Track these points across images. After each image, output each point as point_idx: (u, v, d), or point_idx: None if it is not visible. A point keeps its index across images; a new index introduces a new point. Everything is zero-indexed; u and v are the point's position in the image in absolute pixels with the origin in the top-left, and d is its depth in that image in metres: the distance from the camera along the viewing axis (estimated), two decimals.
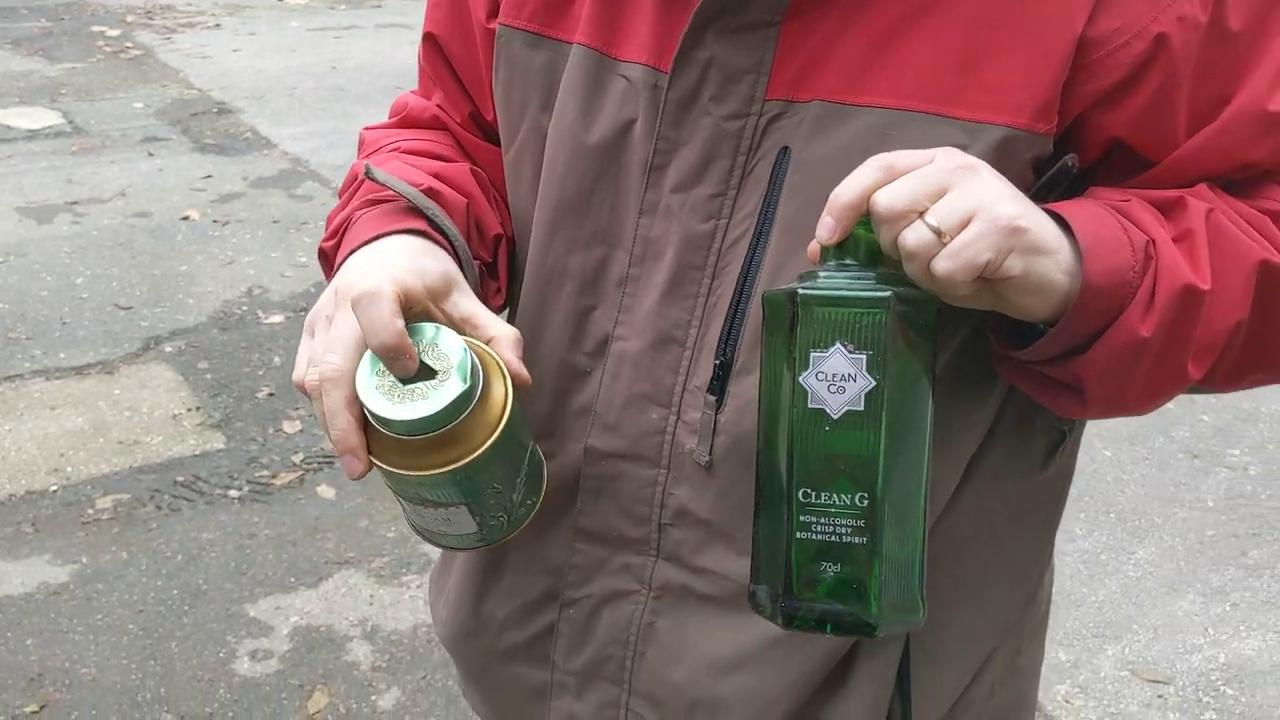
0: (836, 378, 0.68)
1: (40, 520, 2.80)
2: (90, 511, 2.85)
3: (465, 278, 0.83)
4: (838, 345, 0.68)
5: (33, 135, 5.40)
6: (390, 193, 0.87)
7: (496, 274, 0.94)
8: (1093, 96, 0.76)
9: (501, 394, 0.76)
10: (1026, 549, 0.96)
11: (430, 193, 0.88)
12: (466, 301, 0.81)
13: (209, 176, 4.98)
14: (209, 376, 3.47)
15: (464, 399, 0.73)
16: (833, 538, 0.69)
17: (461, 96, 0.98)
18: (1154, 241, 0.74)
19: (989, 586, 0.93)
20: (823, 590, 0.70)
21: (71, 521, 2.81)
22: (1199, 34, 0.75)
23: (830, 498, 0.69)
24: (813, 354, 0.69)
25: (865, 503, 0.68)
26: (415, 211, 0.86)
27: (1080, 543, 2.88)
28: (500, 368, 0.77)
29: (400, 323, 0.73)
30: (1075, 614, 2.64)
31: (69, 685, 2.32)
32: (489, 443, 0.74)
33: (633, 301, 0.86)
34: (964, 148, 0.74)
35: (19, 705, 2.26)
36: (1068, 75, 0.75)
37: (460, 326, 0.79)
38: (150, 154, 5.24)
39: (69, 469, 3.00)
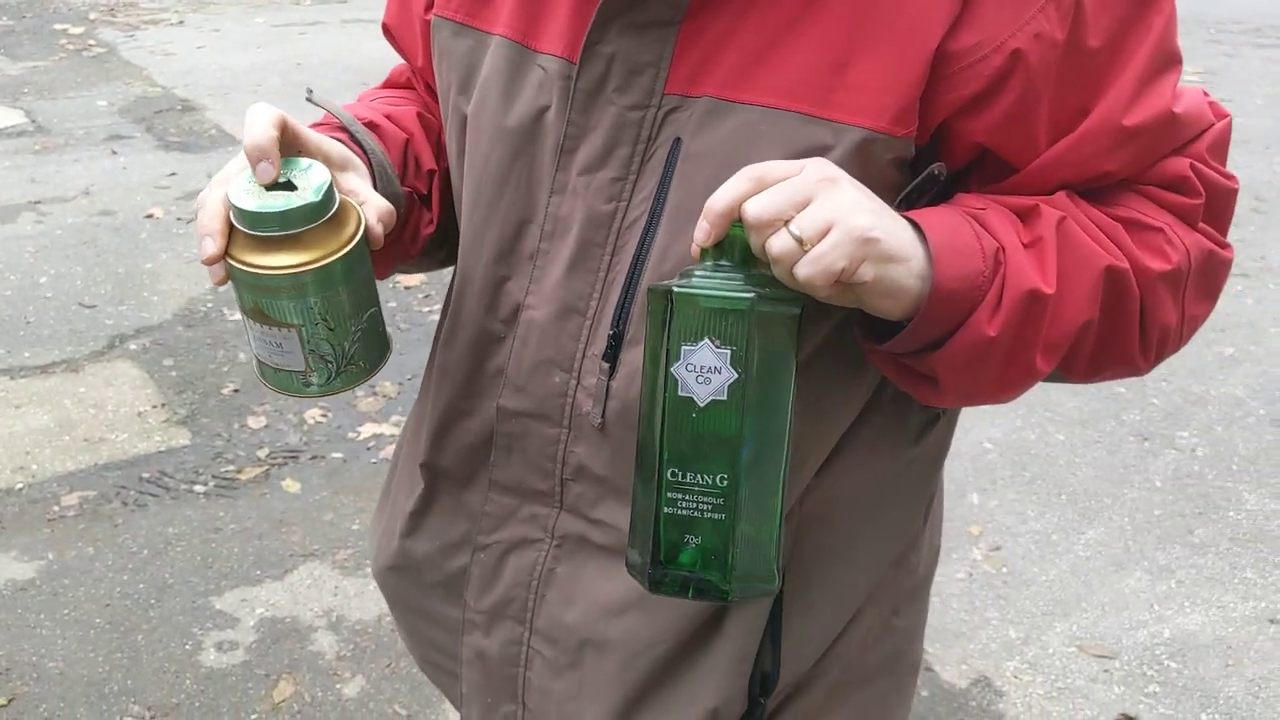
0: (704, 369, 0.76)
1: (6, 518, 2.83)
2: (56, 508, 2.87)
3: (375, 187, 0.93)
4: (706, 340, 0.75)
5: None
6: (326, 115, 0.98)
7: (430, 205, 1.04)
8: (954, 105, 0.82)
9: (352, 230, 0.85)
10: (898, 516, 1.03)
11: (370, 125, 0.99)
12: (357, 180, 0.90)
13: (173, 174, 4.99)
14: (174, 373, 3.49)
15: (312, 209, 0.82)
16: (695, 513, 0.77)
17: (416, 76, 1.11)
18: (1004, 248, 0.81)
19: (859, 548, 0.99)
20: (685, 560, 0.77)
21: (38, 519, 2.83)
22: (1057, 50, 0.81)
23: (695, 477, 0.77)
24: (684, 347, 0.76)
25: (725, 483, 0.76)
26: (347, 134, 0.97)
27: (1032, 524, 2.95)
28: (360, 217, 0.86)
29: (274, 132, 0.83)
30: (1026, 593, 2.71)
31: (37, 679, 2.35)
32: (329, 258, 0.83)
33: (542, 274, 0.93)
34: (829, 147, 0.82)
35: None
36: (929, 84, 0.81)
37: (342, 191, 0.89)
38: (114, 152, 5.24)
39: (34, 467, 3.03)
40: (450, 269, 1.07)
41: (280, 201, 0.82)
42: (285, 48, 7.03)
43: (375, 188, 0.93)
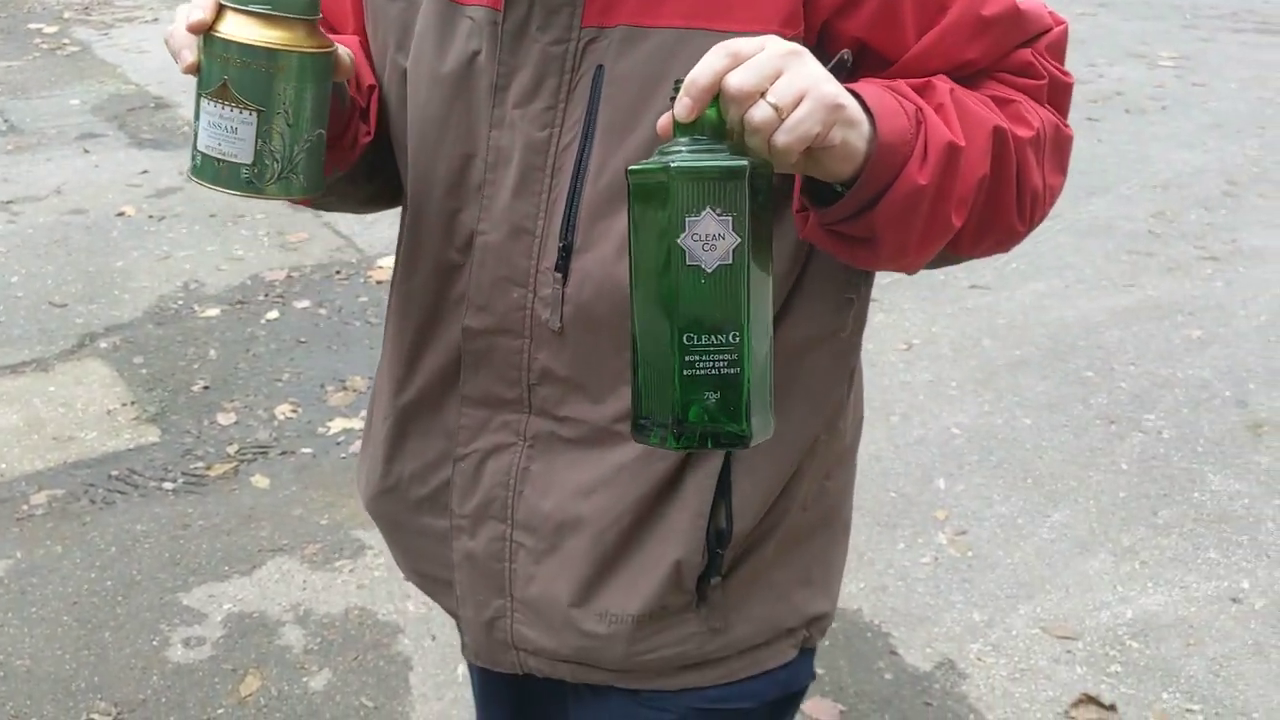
0: (709, 237, 0.80)
1: None
2: (25, 507, 2.88)
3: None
4: (708, 210, 0.80)
5: None
6: None
7: (368, 118, 1.11)
8: (830, 7, 0.95)
9: (328, 43, 0.93)
10: (825, 383, 1.11)
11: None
12: None
13: (145, 172, 4.98)
14: (144, 371, 3.49)
15: (304, 2, 0.90)
16: (713, 371, 0.82)
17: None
18: (921, 109, 0.91)
19: (793, 412, 1.07)
20: (707, 415, 0.83)
21: (5, 518, 2.83)
22: None
23: (709, 339, 0.82)
24: (687, 219, 0.80)
25: (736, 339, 0.82)
26: None
27: (997, 508, 2.97)
28: (332, 41, 0.95)
29: None
30: (990, 576, 2.73)
31: (3, 677, 2.36)
32: (311, 49, 0.91)
33: (490, 201, 1.02)
34: (700, 55, 0.89)
35: None
36: None
37: None
38: (86, 150, 5.23)
39: (2, 466, 3.03)
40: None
41: None
42: None
43: None
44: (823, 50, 0.94)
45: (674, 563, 1.06)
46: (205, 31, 0.90)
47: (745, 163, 0.80)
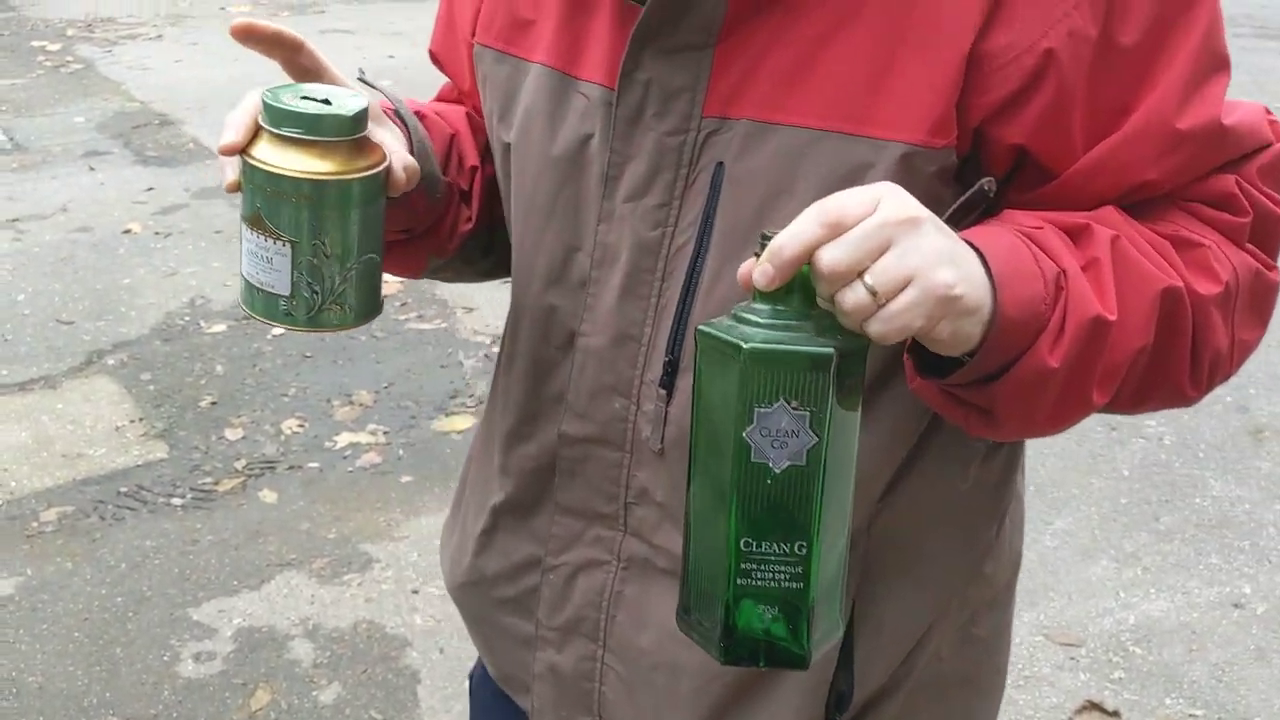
0: (780, 434, 0.69)
1: None
2: (35, 524, 2.90)
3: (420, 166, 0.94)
4: (781, 402, 0.69)
5: None
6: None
7: (470, 202, 1.05)
8: (988, 108, 0.81)
9: (375, 161, 0.85)
10: (967, 533, 1.01)
11: (417, 115, 1.01)
12: (388, 135, 0.91)
13: (151, 189, 5.01)
14: (151, 387, 3.52)
15: (343, 121, 0.83)
16: (771, 583, 0.72)
17: (465, 99, 1.12)
18: (1065, 272, 0.77)
19: (927, 567, 0.98)
20: (759, 631, 0.73)
21: (16, 535, 2.86)
22: (1090, 47, 0.79)
23: (770, 547, 0.71)
24: (757, 410, 0.69)
25: (803, 551, 0.71)
26: (393, 112, 0.98)
27: None
28: (386, 157, 0.86)
29: (285, 31, 0.91)
30: None
31: (16, 694, 2.38)
32: (345, 175, 0.82)
33: (595, 301, 0.94)
34: (871, 165, 0.81)
35: None
36: (963, 89, 0.80)
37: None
38: (92, 168, 5.26)
39: (13, 484, 3.05)
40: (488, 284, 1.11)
41: (315, 107, 0.83)
42: (265, 61, 7.04)
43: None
44: (977, 162, 0.83)
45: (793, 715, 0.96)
46: (240, 153, 0.84)
47: (831, 350, 0.69)
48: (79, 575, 2.73)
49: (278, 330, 0.89)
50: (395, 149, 0.90)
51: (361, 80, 0.98)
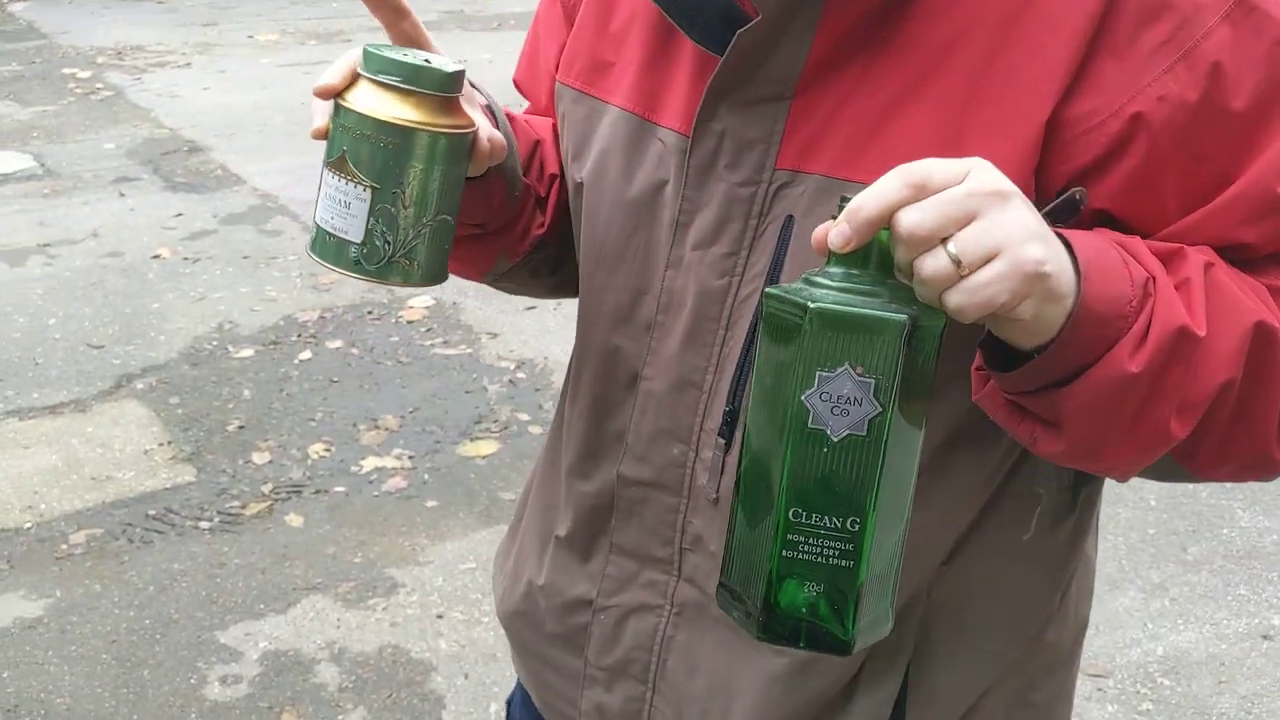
0: (841, 399, 0.66)
1: (15, 557, 2.88)
2: (64, 547, 2.92)
3: (506, 161, 0.95)
4: (846, 367, 0.66)
5: (5, 179, 5.48)
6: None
7: (545, 208, 1.06)
8: (1071, 174, 0.79)
9: (465, 122, 0.86)
10: (1029, 601, 0.98)
11: (509, 116, 1.02)
12: (474, 113, 0.90)
13: (180, 215, 5.06)
14: (180, 411, 3.55)
15: (442, 77, 0.84)
16: (819, 559, 0.68)
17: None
18: (1154, 279, 0.74)
19: (985, 635, 0.96)
20: (803, 608, 0.69)
21: (45, 557, 2.88)
22: (1186, 113, 0.77)
23: (820, 519, 0.67)
24: (819, 373, 0.66)
25: (856, 527, 0.67)
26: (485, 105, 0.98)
27: None
28: (475, 126, 0.88)
29: (402, 3, 0.91)
30: None
31: (44, 715, 2.40)
32: (437, 128, 0.84)
33: (659, 345, 0.94)
34: None
35: None
36: (1044, 153, 0.78)
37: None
38: (121, 194, 5.32)
39: (42, 506, 3.08)
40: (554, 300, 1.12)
41: (412, 57, 0.85)
42: (291, 88, 7.13)
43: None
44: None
45: None
46: (335, 97, 0.85)
47: (904, 318, 0.65)
48: (107, 597, 2.75)
49: (335, 276, 0.89)
50: (483, 124, 0.90)
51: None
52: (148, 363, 3.82)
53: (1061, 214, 0.76)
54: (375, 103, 0.84)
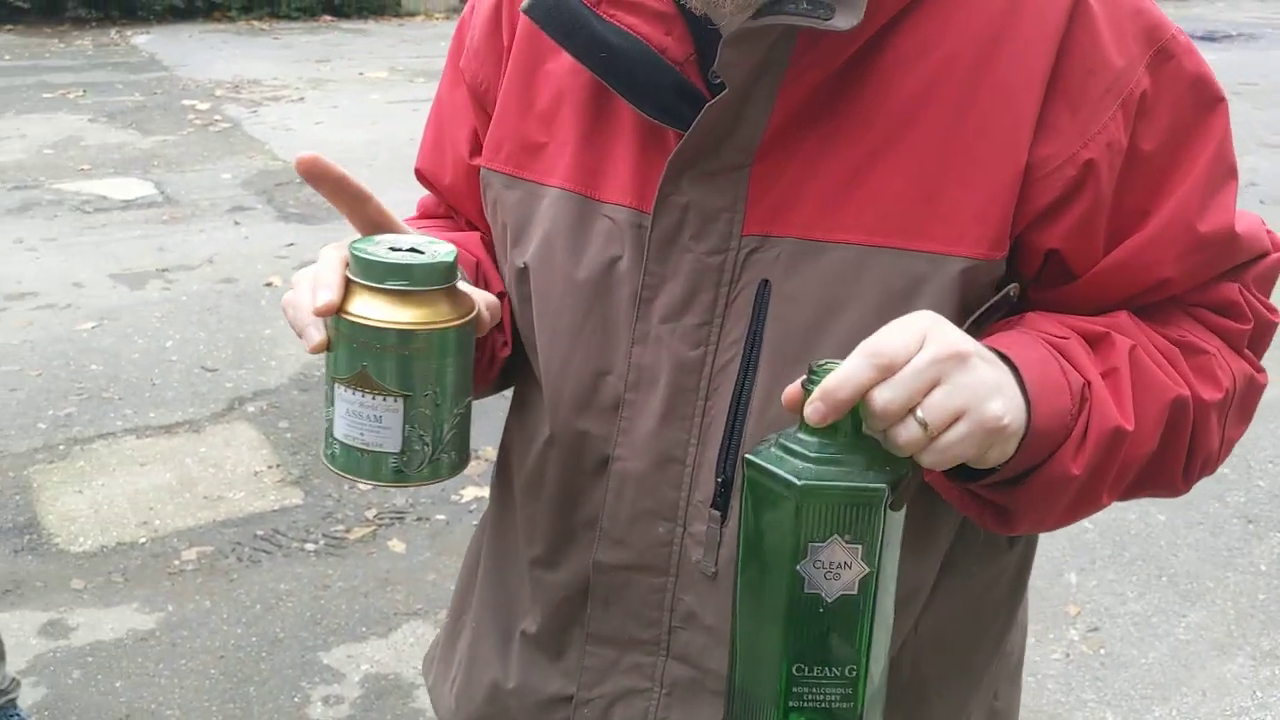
0: (833, 566, 0.71)
1: (129, 570, 2.97)
2: (176, 562, 3.01)
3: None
4: (835, 537, 0.70)
5: (127, 205, 5.69)
6: None
7: (503, 328, 1.02)
8: (1030, 216, 0.83)
9: (469, 305, 0.84)
10: (998, 618, 1.03)
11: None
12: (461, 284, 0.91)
13: (291, 244, 5.21)
14: (289, 435, 3.64)
15: (442, 269, 0.81)
16: (823, 705, 0.74)
17: (457, 212, 1.10)
18: (1089, 384, 0.81)
19: (966, 647, 1.00)
20: None
21: (159, 572, 2.97)
22: (1120, 156, 0.83)
23: (822, 671, 0.73)
24: (810, 545, 0.71)
25: (852, 673, 0.73)
26: None
27: (1131, 605, 2.92)
28: (472, 300, 0.85)
29: (358, 185, 0.87)
30: (1124, 675, 2.68)
31: None
32: (450, 323, 0.81)
33: (630, 425, 0.92)
34: (926, 278, 0.82)
35: None
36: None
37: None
38: (237, 223, 5.50)
39: (157, 522, 3.18)
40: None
41: (409, 258, 0.81)
42: (399, 123, 7.31)
43: None
44: (1013, 265, 0.85)
45: None
46: (336, 311, 0.80)
47: (884, 487, 0.70)
48: (216, 614, 2.83)
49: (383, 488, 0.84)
50: (470, 289, 0.89)
51: None
52: (259, 387, 3.93)
53: (999, 307, 0.82)
54: (386, 312, 0.79)
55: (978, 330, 0.81)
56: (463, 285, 0.86)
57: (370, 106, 7.85)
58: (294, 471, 3.44)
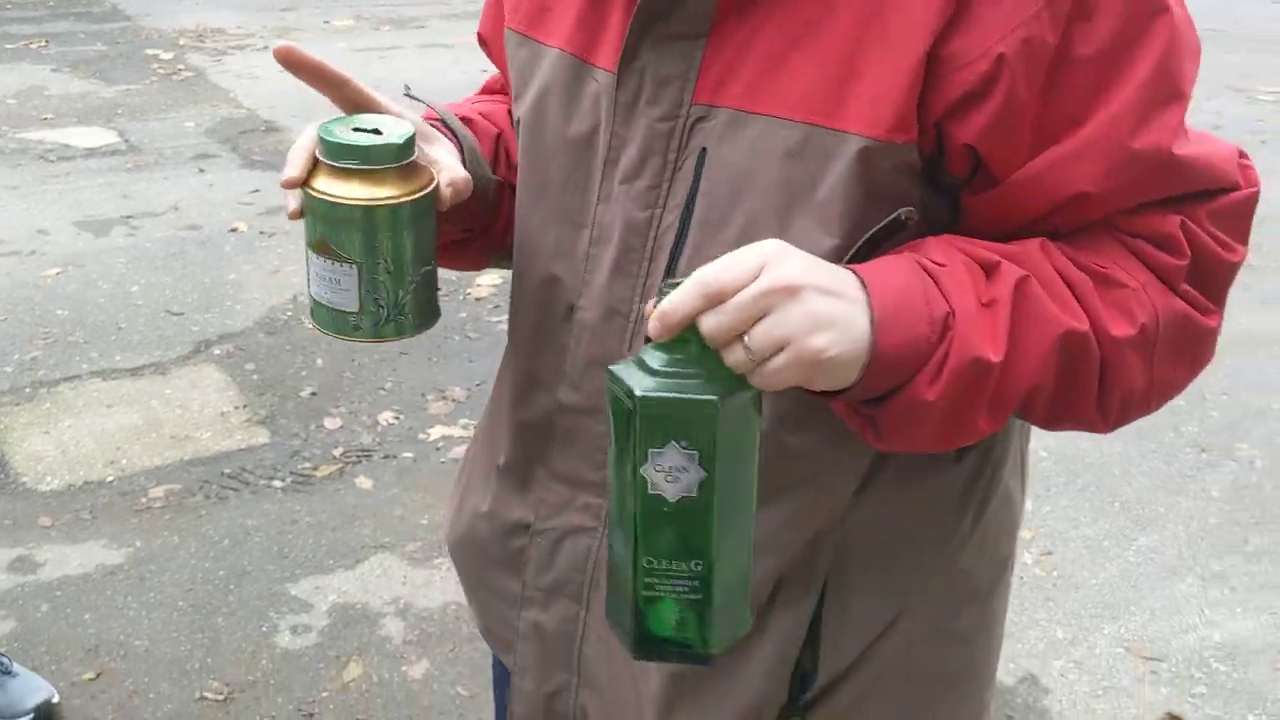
0: (672, 470, 0.77)
1: (97, 508, 2.99)
2: (143, 500, 3.04)
3: (464, 166, 1.00)
4: (672, 443, 0.77)
5: (90, 153, 5.64)
6: (427, 111, 1.06)
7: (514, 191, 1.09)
8: (943, 108, 0.83)
9: (426, 181, 0.92)
10: (939, 523, 1.03)
11: (464, 119, 1.07)
12: (439, 150, 0.99)
13: (256, 191, 5.19)
14: (255, 377, 3.66)
15: (394, 149, 0.90)
16: (672, 595, 0.81)
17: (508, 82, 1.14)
18: (954, 313, 0.82)
19: (900, 554, 1.02)
20: (666, 633, 0.82)
21: (126, 509, 3.00)
22: (1047, 55, 0.81)
23: (670, 564, 0.80)
24: (650, 450, 0.77)
25: (699, 568, 0.79)
26: (441, 123, 1.05)
27: (1084, 530, 2.99)
28: (434, 176, 0.94)
29: (327, 65, 0.97)
30: (1075, 595, 2.75)
31: (124, 656, 2.50)
32: (402, 199, 0.90)
33: (591, 277, 0.98)
34: (834, 155, 0.85)
35: (78, 673, 2.45)
36: (924, 88, 0.82)
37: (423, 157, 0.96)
38: (201, 170, 5.46)
39: (124, 461, 3.20)
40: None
41: (365, 139, 0.90)
42: (364, 71, 7.21)
43: (465, 168, 1.01)
44: (941, 159, 0.86)
45: (752, 701, 1.01)
46: (302, 186, 0.91)
47: (714, 398, 0.76)
48: (184, 549, 2.85)
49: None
50: (446, 164, 0.96)
51: (408, 95, 1.06)
52: (225, 330, 3.94)
53: (892, 229, 0.84)
54: (340, 188, 0.89)
55: (871, 250, 0.85)
56: (438, 155, 0.96)
57: (336, 55, 7.75)
58: (260, 412, 3.46)
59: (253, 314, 4.06)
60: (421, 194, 0.91)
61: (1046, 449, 3.33)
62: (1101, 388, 0.87)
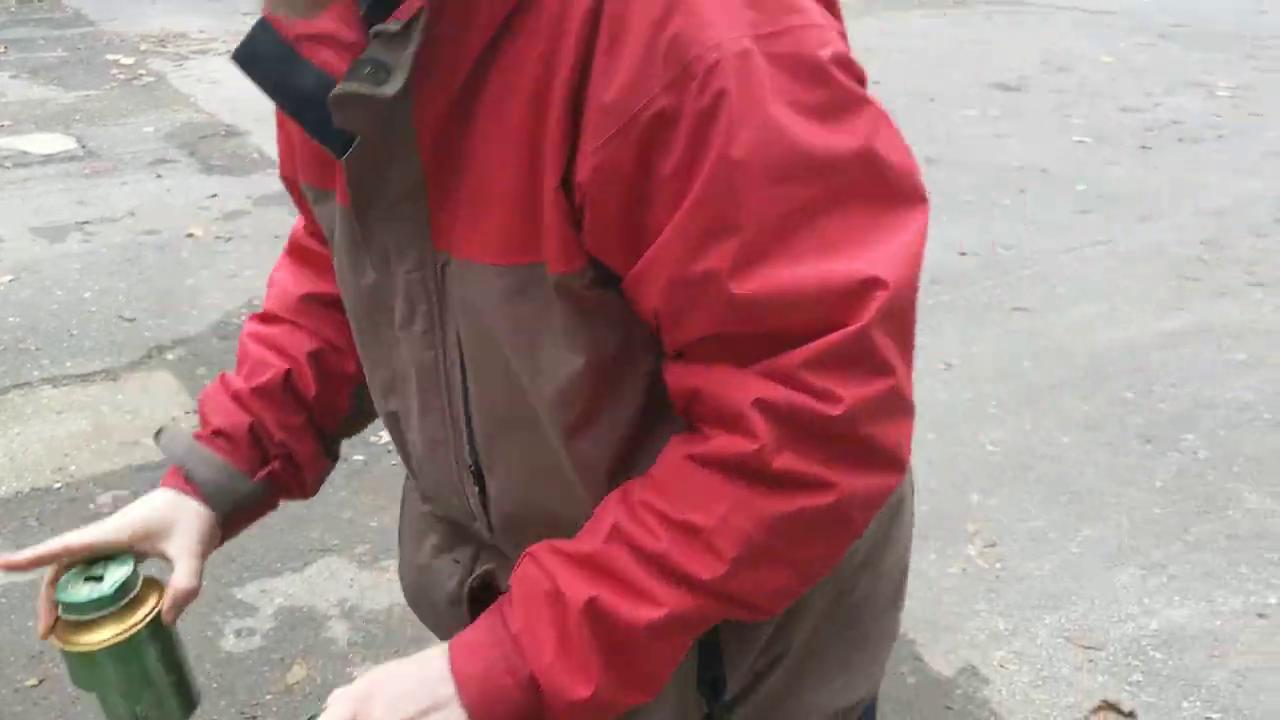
0: None
1: (45, 514, 2.99)
2: (91, 506, 3.03)
3: (214, 508, 1.17)
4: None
5: (48, 159, 5.63)
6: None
7: (324, 437, 1.22)
8: (572, 228, 0.85)
9: (145, 612, 1.04)
10: None
11: (216, 433, 1.18)
12: (172, 548, 1.11)
13: (214, 195, 5.18)
14: (207, 381, 3.65)
15: (104, 600, 1.01)
16: None
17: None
18: (535, 675, 0.90)
19: None
20: None
21: (74, 516, 2.99)
22: (620, 179, 0.81)
23: None
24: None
25: None
26: (180, 477, 1.18)
27: (1030, 522, 3.02)
28: (159, 597, 1.06)
29: (42, 551, 1.06)
30: (1017, 587, 2.77)
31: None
32: (121, 638, 1.01)
33: (408, 414, 1.05)
34: (542, 285, 0.86)
35: (20, 680, 2.44)
36: (570, 215, 0.84)
37: (162, 557, 1.10)
38: (159, 175, 5.45)
39: (72, 468, 3.19)
40: None
41: (83, 592, 1.02)
42: None
43: (212, 507, 1.15)
44: (608, 270, 0.87)
45: (671, 713, 1.02)
46: (51, 633, 1.03)
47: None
48: None
49: None
50: (181, 565, 1.09)
51: (157, 442, 1.18)
52: (179, 335, 3.93)
53: (633, 351, 0.91)
54: (64, 634, 1.02)
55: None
56: (170, 551, 1.11)
57: None
58: None
59: (208, 319, 4.05)
60: (147, 622, 1.03)
61: (995, 443, 3.36)
62: (736, 607, 0.89)
